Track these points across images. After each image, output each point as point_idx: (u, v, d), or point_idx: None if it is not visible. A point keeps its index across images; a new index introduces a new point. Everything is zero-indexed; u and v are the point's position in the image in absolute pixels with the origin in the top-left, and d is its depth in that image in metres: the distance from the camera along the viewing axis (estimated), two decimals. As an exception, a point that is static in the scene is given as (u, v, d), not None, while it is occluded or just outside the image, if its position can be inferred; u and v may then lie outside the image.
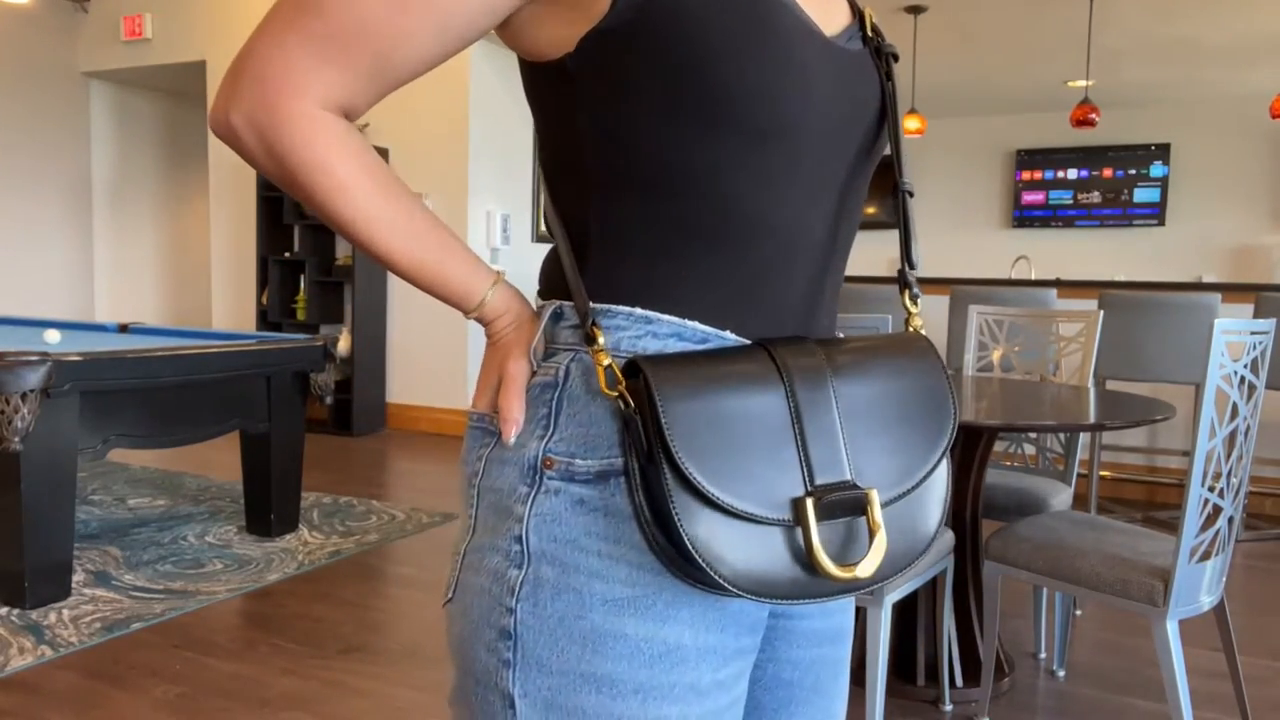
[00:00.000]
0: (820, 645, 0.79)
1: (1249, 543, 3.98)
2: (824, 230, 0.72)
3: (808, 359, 0.67)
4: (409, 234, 0.67)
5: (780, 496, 0.63)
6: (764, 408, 0.64)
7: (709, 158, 0.67)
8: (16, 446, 2.65)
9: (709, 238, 0.69)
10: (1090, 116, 5.77)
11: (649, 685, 0.65)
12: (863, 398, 0.67)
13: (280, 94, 0.63)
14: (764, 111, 0.66)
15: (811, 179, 0.70)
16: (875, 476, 0.66)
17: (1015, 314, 3.14)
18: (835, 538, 0.64)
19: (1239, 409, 1.91)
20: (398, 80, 0.67)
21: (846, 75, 0.71)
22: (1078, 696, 2.45)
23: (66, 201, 7.06)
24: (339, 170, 0.65)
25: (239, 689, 2.38)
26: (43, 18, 6.74)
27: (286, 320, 6.05)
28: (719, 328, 0.69)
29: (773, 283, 0.70)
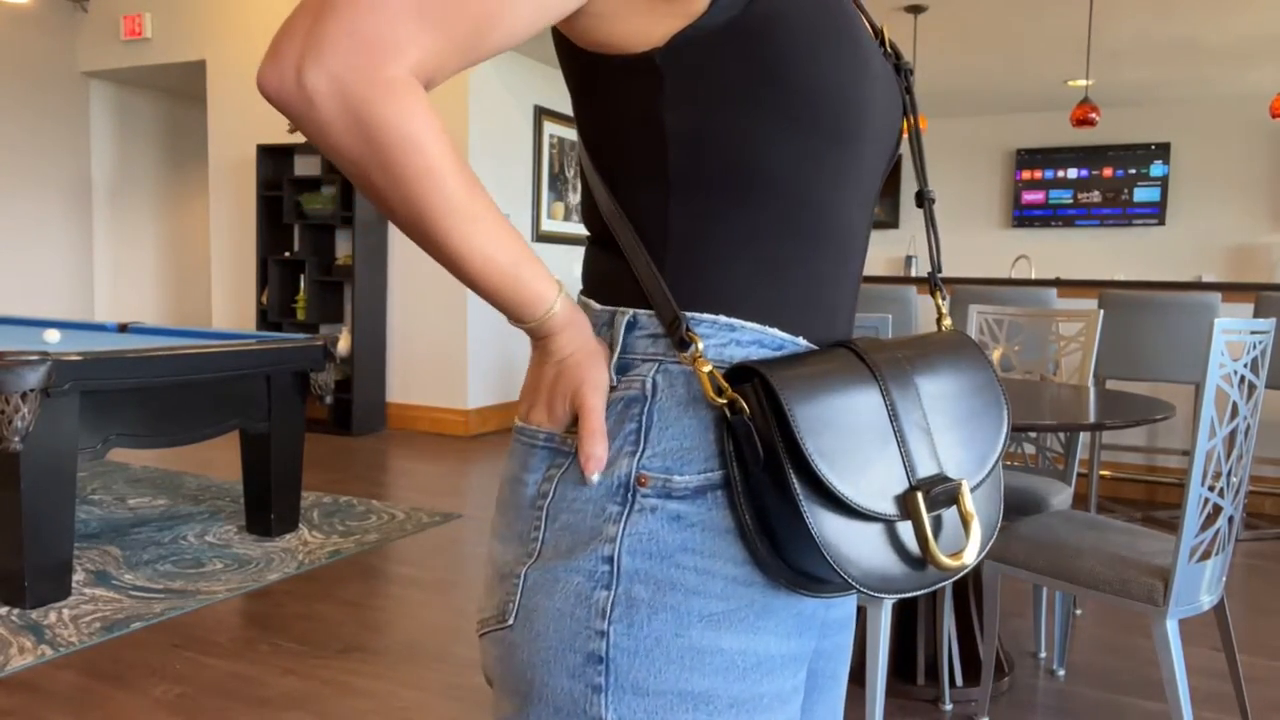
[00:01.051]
0: (839, 633, 0.81)
1: (1249, 542, 3.98)
2: (854, 235, 0.74)
3: (893, 356, 0.68)
4: (488, 231, 0.61)
5: (890, 491, 0.64)
6: (867, 406, 0.65)
7: (790, 159, 0.66)
8: (16, 446, 2.65)
9: (786, 241, 0.68)
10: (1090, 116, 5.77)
11: (743, 698, 0.65)
12: (939, 393, 0.69)
13: (383, 56, 0.56)
14: (842, 114, 0.67)
15: (864, 182, 0.73)
16: (959, 467, 0.68)
17: (1015, 313, 3.14)
18: (943, 526, 0.67)
19: (1239, 408, 1.91)
20: (489, 51, 0.62)
21: (891, 84, 0.75)
22: (1078, 696, 2.45)
23: (66, 201, 7.06)
24: (432, 151, 0.58)
25: (239, 688, 2.38)
26: (42, 17, 6.74)
27: (286, 320, 6.05)
28: (793, 334, 0.70)
29: (830, 286, 0.72)
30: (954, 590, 2.47)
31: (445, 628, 2.81)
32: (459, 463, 5.14)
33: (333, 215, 5.84)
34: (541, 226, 6.49)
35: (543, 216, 6.50)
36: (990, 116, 8.87)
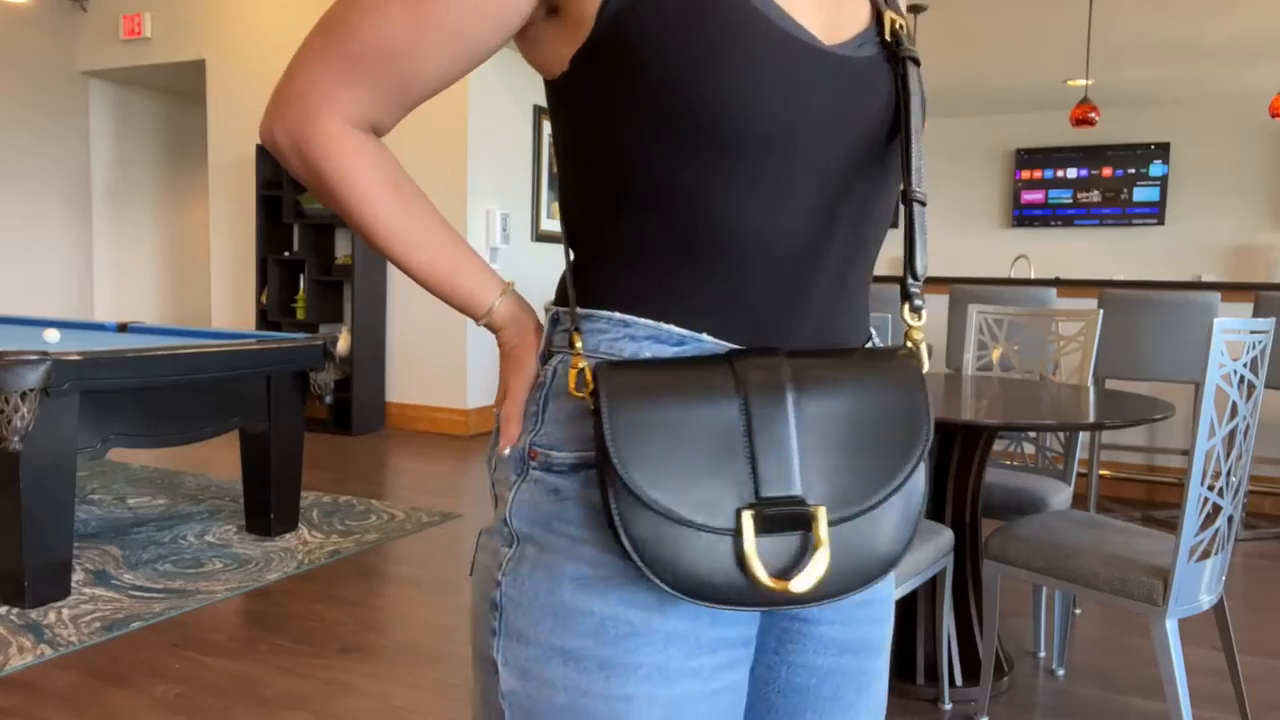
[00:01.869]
0: (841, 655, 0.79)
1: (1248, 542, 3.98)
2: (811, 239, 0.72)
3: (769, 371, 0.67)
4: (423, 245, 0.73)
5: (726, 506, 0.64)
6: (717, 418, 0.65)
7: (683, 171, 0.69)
8: (16, 446, 2.65)
9: (684, 247, 0.71)
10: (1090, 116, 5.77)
11: (615, 663, 0.68)
12: (824, 414, 0.67)
13: (314, 112, 0.71)
14: (732, 125, 0.67)
15: (790, 189, 0.70)
16: (827, 493, 0.65)
17: (1015, 313, 3.14)
18: (782, 551, 0.65)
19: (1238, 408, 1.92)
20: (420, 96, 0.73)
21: (844, 83, 0.71)
22: (1077, 695, 2.45)
23: (66, 200, 7.06)
24: (360, 182, 0.71)
25: (238, 688, 2.38)
26: (42, 17, 6.74)
27: (286, 319, 6.05)
28: (695, 330, 0.71)
29: (750, 289, 0.71)
30: (954, 590, 2.47)
31: (445, 627, 2.81)
32: (458, 462, 5.14)
33: (332, 215, 5.84)
34: (541, 226, 6.49)
35: (542, 216, 6.50)
36: (990, 116, 8.87)
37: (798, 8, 0.70)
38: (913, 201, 0.73)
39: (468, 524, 3.91)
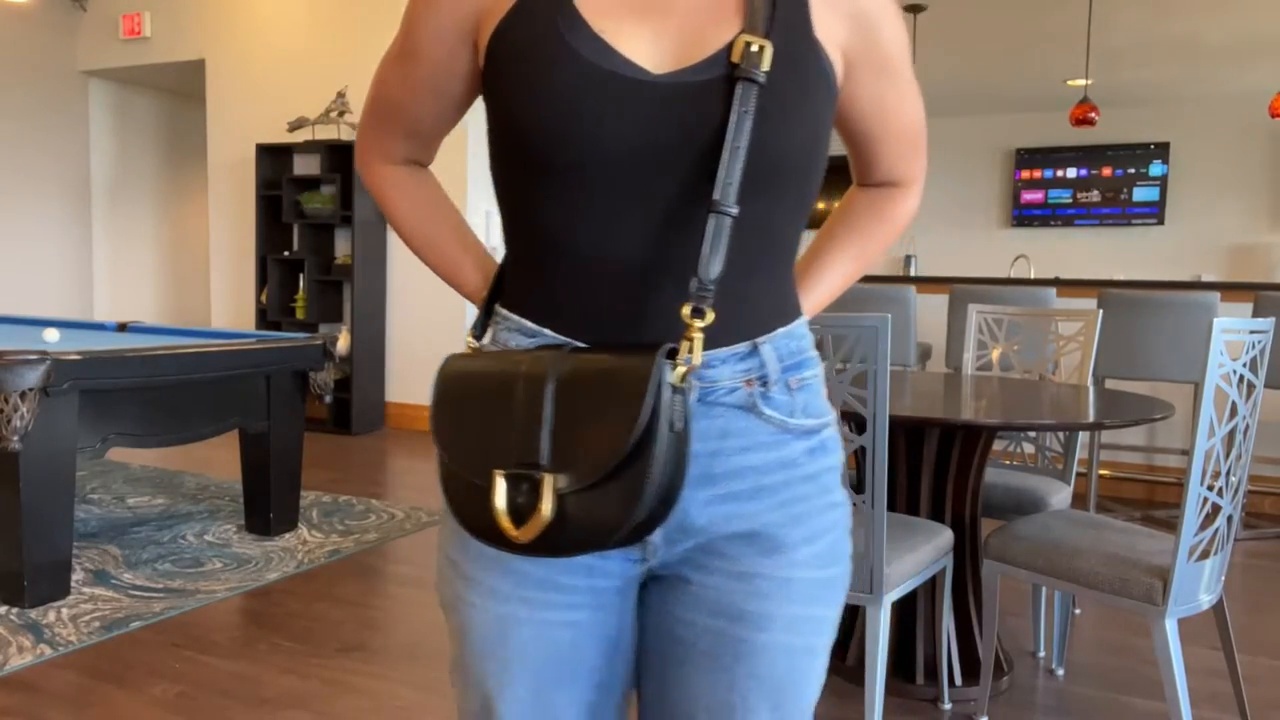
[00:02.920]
0: (715, 617, 0.86)
1: (1248, 541, 3.98)
2: (638, 250, 0.81)
3: (542, 362, 0.79)
4: (435, 249, 0.97)
5: (489, 466, 0.78)
6: (498, 398, 0.79)
7: (522, 192, 0.83)
8: (15, 445, 2.65)
9: (532, 257, 0.85)
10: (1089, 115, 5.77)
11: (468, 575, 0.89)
12: (574, 400, 0.77)
13: (364, 155, 0.99)
14: (547, 152, 0.79)
15: (608, 206, 0.80)
16: (566, 466, 0.76)
17: (1014, 313, 3.14)
18: (523, 508, 0.77)
19: (1238, 408, 1.92)
20: (433, 132, 0.95)
21: (665, 109, 0.78)
22: (1077, 695, 2.45)
23: (65, 200, 7.06)
24: (399, 208, 0.98)
25: (238, 688, 2.38)
26: (42, 16, 6.74)
27: (286, 319, 6.05)
28: (541, 325, 0.85)
29: (582, 293, 0.83)
30: (953, 590, 2.47)
31: (444, 627, 2.81)
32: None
33: (332, 214, 5.84)
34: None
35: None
36: (989, 116, 8.87)
37: (627, 42, 0.79)
38: (711, 213, 0.78)
39: (467, 524, 3.91)
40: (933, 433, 2.37)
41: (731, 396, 0.84)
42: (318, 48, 6.09)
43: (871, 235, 1.00)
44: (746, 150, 0.78)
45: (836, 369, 1.89)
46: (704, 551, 0.86)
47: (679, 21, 0.81)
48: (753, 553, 0.86)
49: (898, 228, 1.02)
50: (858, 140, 0.95)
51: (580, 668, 0.89)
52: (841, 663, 2.52)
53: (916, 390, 2.48)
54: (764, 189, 0.81)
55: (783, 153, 0.81)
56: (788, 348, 0.87)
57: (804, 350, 0.89)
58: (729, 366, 0.84)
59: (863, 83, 0.89)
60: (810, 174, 0.84)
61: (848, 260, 1.00)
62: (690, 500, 0.84)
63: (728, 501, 0.84)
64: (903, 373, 2.87)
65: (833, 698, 2.39)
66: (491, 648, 0.88)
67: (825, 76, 0.83)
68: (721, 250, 0.79)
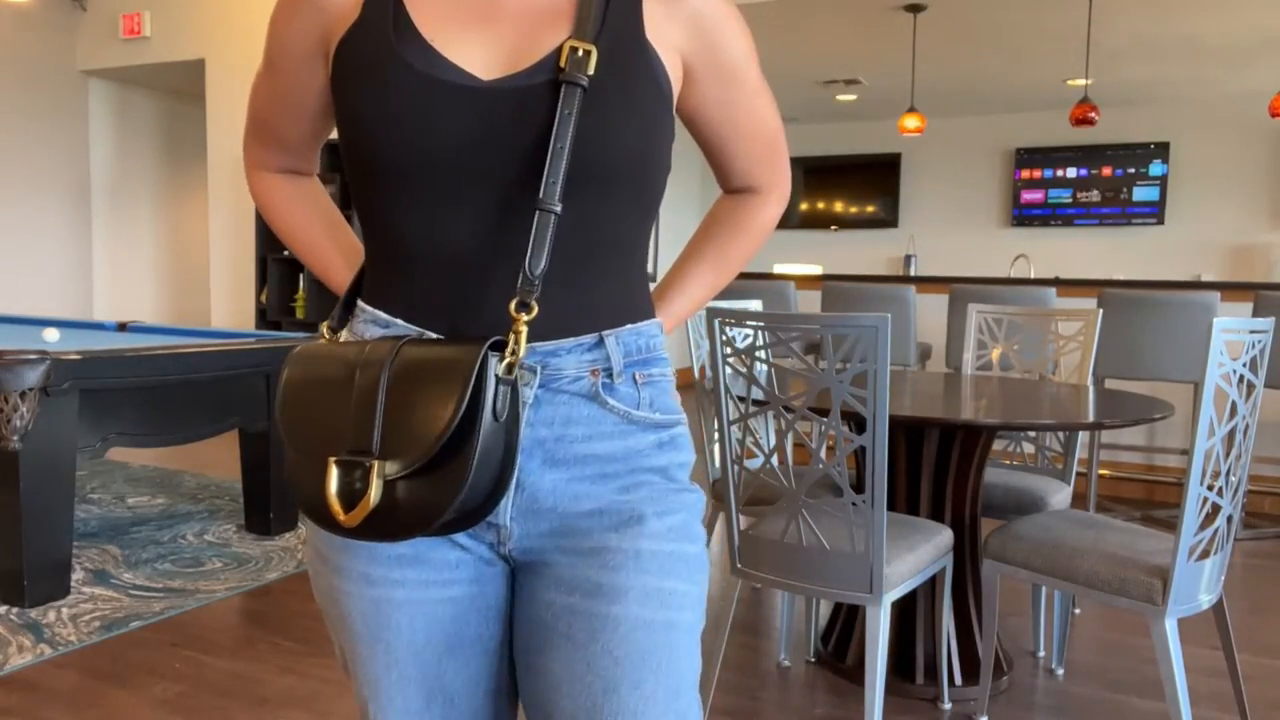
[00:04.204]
0: (570, 594, 0.87)
1: (1248, 541, 3.98)
2: (475, 247, 0.84)
3: (378, 353, 0.81)
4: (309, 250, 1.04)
5: (325, 451, 0.80)
6: (342, 382, 0.81)
7: (365, 194, 0.87)
8: (15, 445, 2.65)
9: (380, 253, 0.88)
10: (1089, 115, 5.77)
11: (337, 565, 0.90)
12: (405, 389, 0.79)
13: (247, 167, 1.05)
14: (375, 156, 0.83)
15: (444, 206, 0.83)
16: (395, 452, 0.78)
17: (1014, 312, 3.14)
18: (355, 494, 0.78)
19: (1238, 407, 1.92)
20: (302, 145, 1.00)
21: (493, 112, 0.82)
22: (1076, 695, 2.45)
23: (65, 200, 7.06)
24: (271, 212, 1.04)
25: (238, 687, 2.38)
26: (41, 16, 6.74)
27: (286, 319, 6.05)
28: (393, 316, 0.88)
29: (427, 288, 0.86)
30: (953, 589, 2.47)
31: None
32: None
33: (332, 214, 5.84)
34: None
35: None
36: (989, 116, 8.87)
37: (460, 50, 0.83)
38: (537, 210, 0.81)
39: (467, 523, 3.91)
40: (932, 433, 2.37)
41: (576, 385, 0.86)
42: (318, 47, 6.08)
43: (731, 243, 1.02)
44: (569, 151, 0.80)
45: (836, 369, 1.89)
46: (558, 533, 0.87)
47: (509, 28, 0.84)
48: (603, 527, 0.87)
49: (757, 235, 1.03)
50: (709, 146, 0.97)
51: (464, 638, 0.91)
52: (841, 662, 2.52)
53: (916, 390, 2.48)
54: (592, 189, 0.83)
55: (608, 153, 0.82)
56: (635, 343, 0.89)
57: (653, 349, 0.91)
58: (574, 356, 0.86)
59: (706, 88, 0.91)
60: (643, 176, 0.85)
61: (706, 269, 1.02)
62: (539, 482, 0.86)
63: (574, 483, 0.87)
64: (903, 372, 2.87)
65: (833, 697, 2.39)
66: (375, 632, 0.89)
67: (655, 81, 0.85)
68: (545, 246, 0.81)
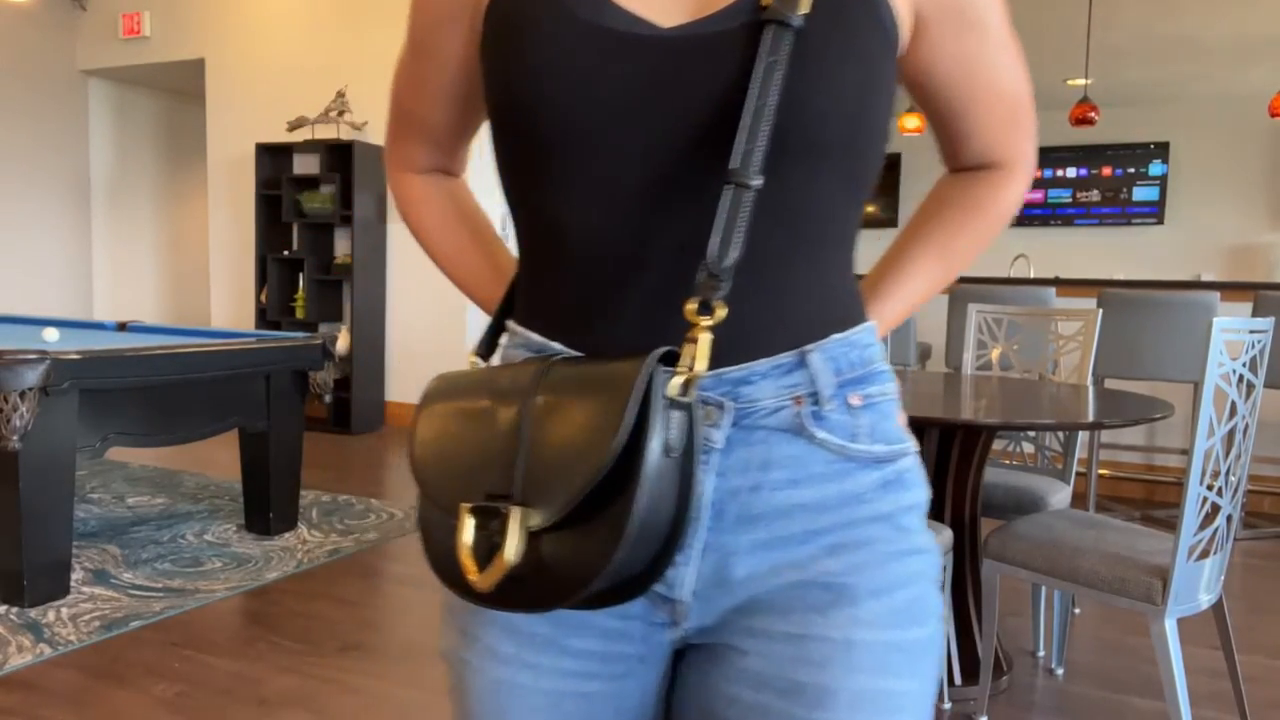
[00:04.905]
0: (759, 691, 0.69)
1: (1247, 541, 3.98)
2: (652, 238, 0.67)
3: (525, 377, 0.66)
4: (473, 273, 0.87)
5: (459, 497, 0.65)
6: (478, 419, 0.67)
7: (510, 169, 0.72)
8: (15, 445, 2.65)
9: (535, 254, 0.74)
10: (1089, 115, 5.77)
11: (465, 629, 0.77)
12: (554, 417, 0.63)
13: (389, 167, 0.90)
14: (533, 123, 0.68)
15: (610, 186, 0.67)
16: (540, 498, 0.61)
17: (1014, 312, 3.14)
18: (489, 548, 0.63)
19: (1238, 407, 1.92)
20: (452, 138, 0.86)
21: (676, 65, 0.65)
22: (1076, 695, 2.45)
23: (65, 199, 7.06)
24: (422, 226, 0.89)
25: (237, 687, 2.38)
26: (41, 15, 6.74)
27: (285, 319, 6.05)
28: (549, 338, 0.72)
29: (589, 294, 0.69)
30: (953, 589, 2.47)
31: (444, 626, 2.81)
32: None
33: (332, 214, 5.84)
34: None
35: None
36: (989, 115, 8.86)
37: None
38: (727, 184, 0.63)
39: (467, 523, 3.91)
40: (932, 432, 2.37)
41: (775, 418, 0.68)
42: (317, 47, 6.08)
43: (964, 229, 0.81)
44: (775, 109, 0.63)
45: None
46: (748, 612, 0.70)
47: None
48: (806, 606, 0.69)
49: (996, 221, 0.82)
50: (942, 113, 0.78)
51: None
52: (841, 662, 2.52)
53: (916, 390, 2.48)
54: (796, 161, 0.66)
55: (823, 114, 0.65)
56: (846, 357, 0.70)
57: (869, 361, 0.72)
58: (771, 381, 0.68)
59: (942, 40, 0.72)
60: (862, 144, 0.68)
61: (931, 259, 0.81)
62: (730, 544, 0.69)
63: (774, 547, 0.69)
64: (903, 372, 2.87)
65: (832, 697, 2.39)
66: (490, 716, 0.75)
67: (881, 26, 0.67)
68: (739, 232, 0.63)
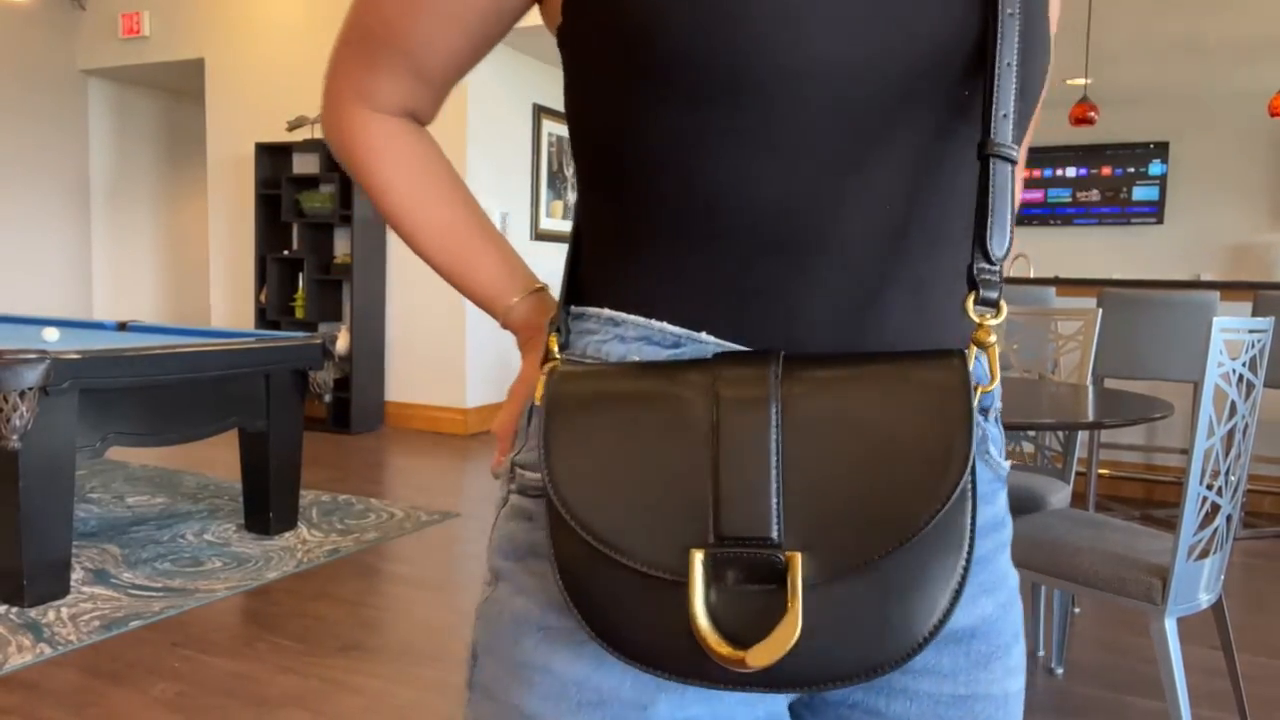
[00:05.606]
0: None
1: (1247, 540, 3.98)
2: (847, 210, 0.56)
3: (752, 379, 0.52)
4: (441, 237, 0.69)
5: (674, 543, 0.49)
6: (679, 437, 0.52)
7: (664, 128, 0.56)
8: (15, 445, 2.65)
9: (678, 225, 0.58)
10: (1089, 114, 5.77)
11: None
12: (820, 436, 0.50)
13: (340, 100, 0.69)
14: (712, 68, 0.52)
15: (810, 145, 0.54)
16: (812, 540, 0.48)
17: (1014, 312, 3.14)
18: (745, 610, 0.49)
19: (1237, 407, 1.92)
20: (443, 76, 0.67)
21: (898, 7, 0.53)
22: (1076, 694, 2.45)
23: (65, 199, 7.06)
24: (383, 171, 0.68)
25: (237, 687, 2.38)
26: (41, 15, 6.73)
27: (285, 318, 6.05)
28: (693, 328, 0.58)
29: (762, 276, 0.56)
30: (952, 589, 2.47)
31: (443, 626, 2.81)
32: (457, 461, 5.14)
33: (331, 214, 5.84)
34: (540, 225, 6.49)
35: (541, 215, 6.50)
36: (989, 115, 8.86)
37: None
38: (989, 157, 0.54)
39: (466, 523, 3.91)
40: (932, 432, 2.36)
41: None
42: (317, 47, 6.08)
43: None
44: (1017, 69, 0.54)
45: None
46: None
47: None
48: (970, 663, 0.59)
49: None
50: None
51: None
52: (841, 662, 2.52)
53: (916, 389, 2.47)
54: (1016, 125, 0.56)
55: (1041, 75, 0.58)
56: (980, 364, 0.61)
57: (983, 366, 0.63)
58: None
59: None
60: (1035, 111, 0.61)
61: None
62: None
63: None
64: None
65: (832, 697, 2.39)
66: None
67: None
68: (1010, 213, 0.54)
